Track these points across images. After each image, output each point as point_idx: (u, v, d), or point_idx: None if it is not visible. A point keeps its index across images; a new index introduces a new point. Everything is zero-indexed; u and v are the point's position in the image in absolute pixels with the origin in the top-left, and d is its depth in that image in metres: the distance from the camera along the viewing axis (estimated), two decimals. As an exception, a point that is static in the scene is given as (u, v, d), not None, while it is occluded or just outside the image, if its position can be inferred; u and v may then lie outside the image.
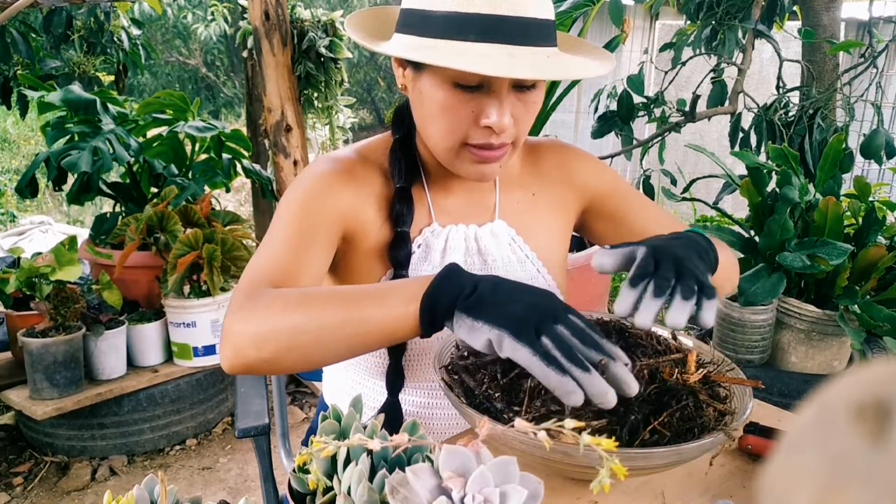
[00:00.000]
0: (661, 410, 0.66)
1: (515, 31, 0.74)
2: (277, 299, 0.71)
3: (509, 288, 0.64)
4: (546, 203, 0.99)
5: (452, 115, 0.79)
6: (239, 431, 1.06)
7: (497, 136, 0.79)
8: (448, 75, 0.77)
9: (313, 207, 0.85)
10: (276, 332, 0.69)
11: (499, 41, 0.74)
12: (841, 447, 0.18)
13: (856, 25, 4.35)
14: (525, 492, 0.54)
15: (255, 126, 3.29)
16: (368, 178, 0.91)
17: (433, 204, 0.93)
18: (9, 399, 2.10)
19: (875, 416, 0.18)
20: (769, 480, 0.20)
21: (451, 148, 0.83)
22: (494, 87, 0.77)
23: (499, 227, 0.95)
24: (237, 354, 0.70)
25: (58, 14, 3.43)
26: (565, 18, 2.50)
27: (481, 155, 0.81)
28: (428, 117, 0.82)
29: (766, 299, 1.96)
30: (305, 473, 0.55)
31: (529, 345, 0.58)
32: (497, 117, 0.77)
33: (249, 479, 2.17)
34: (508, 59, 0.73)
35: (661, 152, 2.76)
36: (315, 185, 0.87)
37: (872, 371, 0.20)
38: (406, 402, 0.95)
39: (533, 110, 0.82)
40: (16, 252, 2.29)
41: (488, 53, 0.73)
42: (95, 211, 4.53)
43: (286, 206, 0.86)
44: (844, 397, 0.19)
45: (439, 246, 0.92)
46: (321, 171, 0.89)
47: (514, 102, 0.79)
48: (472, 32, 0.73)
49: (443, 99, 0.79)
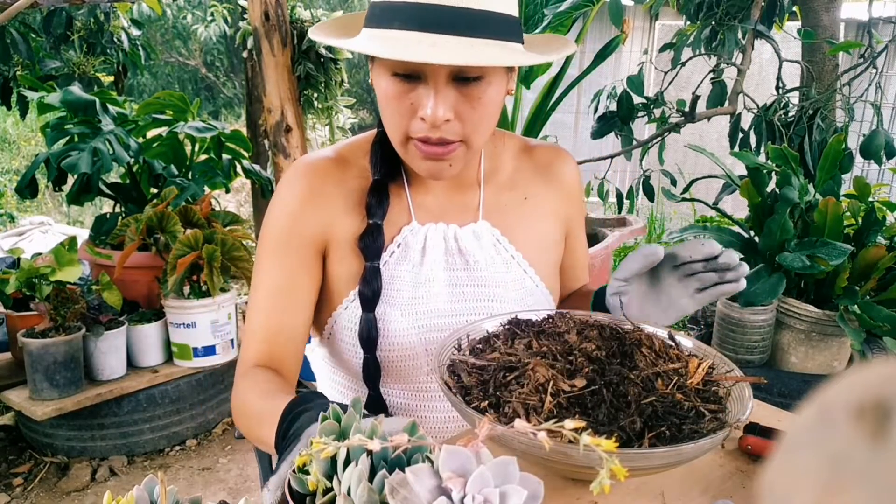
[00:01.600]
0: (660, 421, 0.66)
1: (442, 19, 0.72)
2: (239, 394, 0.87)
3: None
4: (538, 207, 0.98)
5: (394, 105, 0.80)
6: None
7: (434, 129, 0.78)
8: (387, 66, 0.78)
9: (292, 234, 0.90)
10: (236, 417, 0.88)
11: (424, 29, 0.73)
12: (841, 447, 0.18)
13: (855, 26, 4.36)
14: (525, 492, 0.54)
15: (255, 126, 3.29)
16: (344, 179, 0.92)
17: (413, 202, 0.93)
18: (9, 399, 2.10)
19: (875, 416, 0.18)
20: (769, 480, 0.20)
21: (399, 141, 0.83)
22: (430, 78, 0.76)
23: (482, 228, 0.94)
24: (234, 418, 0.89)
25: (58, 14, 3.43)
26: (565, 19, 2.50)
27: (426, 150, 0.81)
28: (380, 109, 0.84)
29: (765, 299, 1.96)
30: (305, 474, 0.55)
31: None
32: (431, 109, 0.76)
33: (249, 480, 2.17)
34: (427, 46, 0.72)
35: (661, 153, 2.76)
36: (283, 215, 0.91)
37: (872, 371, 0.20)
38: (392, 403, 0.95)
39: (480, 107, 0.79)
40: (16, 252, 2.29)
41: (408, 40, 0.73)
42: (95, 211, 4.53)
43: (263, 245, 0.92)
44: (844, 397, 0.19)
45: (418, 245, 0.92)
46: (286, 195, 0.91)
47: (457, 97, 0.78)
48: (396, 20, 0.74)
49: (385, 89, 0.80)
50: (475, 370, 0.73)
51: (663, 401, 0.68)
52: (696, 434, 0.65)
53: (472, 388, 0.70)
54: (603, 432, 0.63)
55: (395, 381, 0.94)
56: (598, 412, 0.65)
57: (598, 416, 0.65)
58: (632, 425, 0.65)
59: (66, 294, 2.00)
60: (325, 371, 1.04)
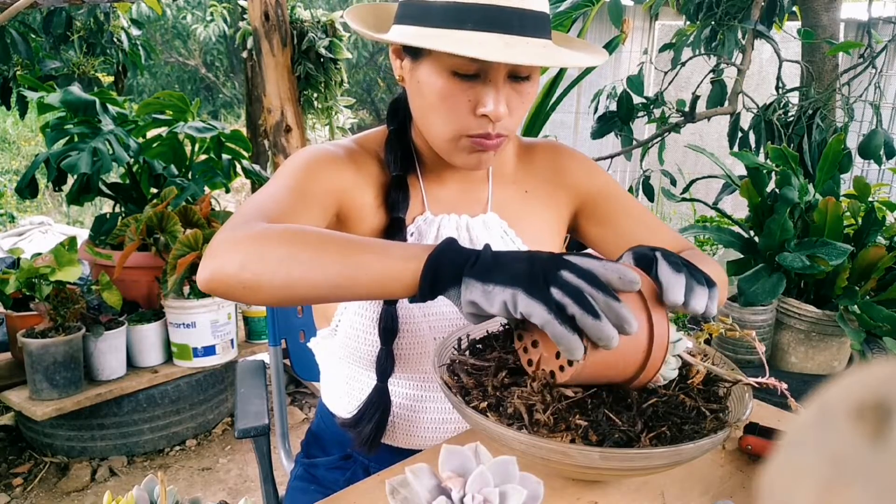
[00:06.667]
0: (661, 421, 0.66)
1: (512, 20, 0.76)
2: (274, 227, 0.71)
3: (509, 254, 0.65)
4: (538, 200, 1.01)
5: (450, 103, 0.81)
6: (239, 432, 1.06)
7: (493, 125, 0.81)
8: (446, 64, 0.79)
9: (314, 174, 0.87)
10: (265, 255, 0.68)
11: (495, 30, 0.76)
12: (841, 447, 0.18)
13: (855, 26, 4.36)
14: (525, 492, 0.54)
15: (254, 126, 3.29)
16: (366, 166, 0.93)
17: (426, 193, 0.95)
18: (9, 399, 2.10)
19: (875, 416, 0.18)
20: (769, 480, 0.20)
21: (449, 138, 0.84)
22: (491, 77, 0.79)
23: (491, 219, 0.97)
24: (217, 269, 0.69)
25: (57, 15, 3.43)
26: (565, 19, 2.50)
27: (480, 143, 0.83)
28: (427, 107, 0.84)
29: (765, 300, 1.96)
30: None
31: (543, 301, 0.59)
32: (494, 106, 0.79)
33: (249, 480, 2.17)
34: (505, 47, 0.75)
35: (661, 153, 2.76)
36: (318, 156, 0.89)
37: (872, 371, 0.20)
38: (396, 393, 0.95)
39: (527, 101, 0.84)
40: (15, 253, 2.29)
41: (485, 41, 0.75)
42: (95, 211, 4.53)
43: (287, 166, 0.88)
44: (844, 397, 0.19)
45: (432, 234, 0.93)
46: (324, 148, 0.91)
47: (510, 93, 0.81)
48: (469, 21, 0.76)
49: (441, 88, 0.80)
50: (475, 371, 0.73)
51: (665, 402, 0.68)
52: (696, 434, 0.65)
53: (471, 388, 0.70)
54: (603, 432, 0.63)
55: (402, 370, 0.94)
56: (598, 413, 0.65)
57: (598, 416, 0.65)
58: (632, 425, 0.65)
59: (66, 294, 2.00)
60: (331, 363, 1.04)
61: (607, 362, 0.64)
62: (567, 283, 0.60)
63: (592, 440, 0.63)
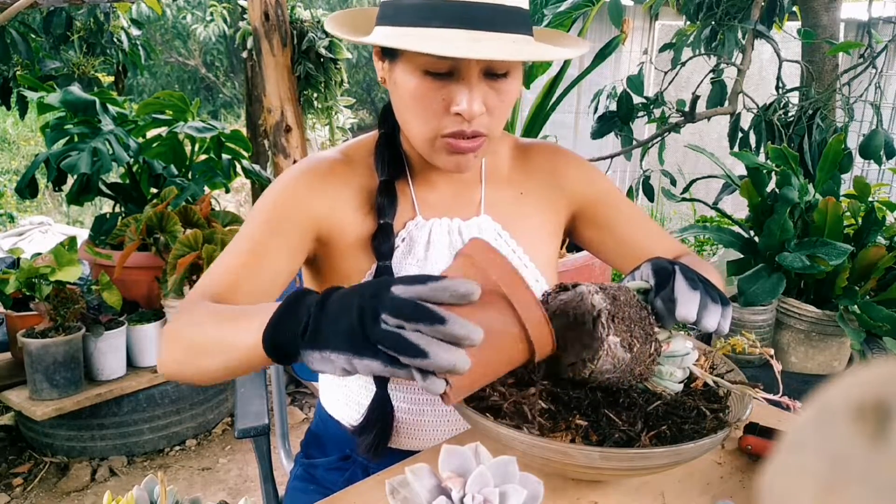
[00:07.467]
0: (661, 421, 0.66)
1: (481, 16, 0.75)
2: (189, 318, 0.75)
3: (333, 304, 0.60)
4: (533, 203, 1.00)
5: (424, 103, 0.80)
6: (239, 432, 1.06)
7: (468, 123, 0.80)
8: (418, 63, 0.79)
9: (279, 214, 0.88)
10: (185, 353, 0.74)
11: (463, 27, 0.75)
12: (841, 447, 0.18)
13: (855, 26, 4.36)
14: (525, 492, 0.54)
15: (254, 126, 3.29)
16: (350, 177, 0.93)
17: (417, 198, 0.94)
18: (8, 399, 2.10)
19: (875, 416, 0.18)
20: (769, 480, 0.20)
21: (427, 139, 0.84)
22: (463, 75, 0.78)
23: (484, 222, 0.95)
24: (162, 367, 0.77)
25: (57, 15, 3.43)
26: (565, 19, 2.50)
27: (456, 145, 0.82)
28: (403, 108, 0.84)
29: (765, 299, 1.96)
30: None
31: (375, 357, 0.56)
32: (467, 104, 0.78)
33: (249, 480, 2.17)
34: (471, 42, 0.74)
35: (661, 153, 2.76)
36: (283, 192, 0.90)
37: (872, 371, 0.20)
38: (397, 398, 0.95)
39: (507, 100, 0.83)
40: (15, 253, 2.29)
41: (452, 38, 0.74)
42: (95, 211, 4.52)
43: (253, 214, 0.89)
44: (844, 397, 0.19)
45: (423, 239, 0.92)
46: (291, 178, 0.91)
47: (486, 91, 0.80)
48: (437, 18, 0.75)
49: (414, 87, 0.80)
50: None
51: (666, 402, 0.68)
52: (696, 434, 0.65)
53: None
54: (603, 432, 0.63)
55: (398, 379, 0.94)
56: (598, 413, 0.65)
57: (599, 416, 0.65)
58: (632, 425, 0.65)
59: (66, 294, 2.00)
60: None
61: (487, 361, 0.60)
62: (387, 334, 0.55)
63: (593, 440, 0.63)
